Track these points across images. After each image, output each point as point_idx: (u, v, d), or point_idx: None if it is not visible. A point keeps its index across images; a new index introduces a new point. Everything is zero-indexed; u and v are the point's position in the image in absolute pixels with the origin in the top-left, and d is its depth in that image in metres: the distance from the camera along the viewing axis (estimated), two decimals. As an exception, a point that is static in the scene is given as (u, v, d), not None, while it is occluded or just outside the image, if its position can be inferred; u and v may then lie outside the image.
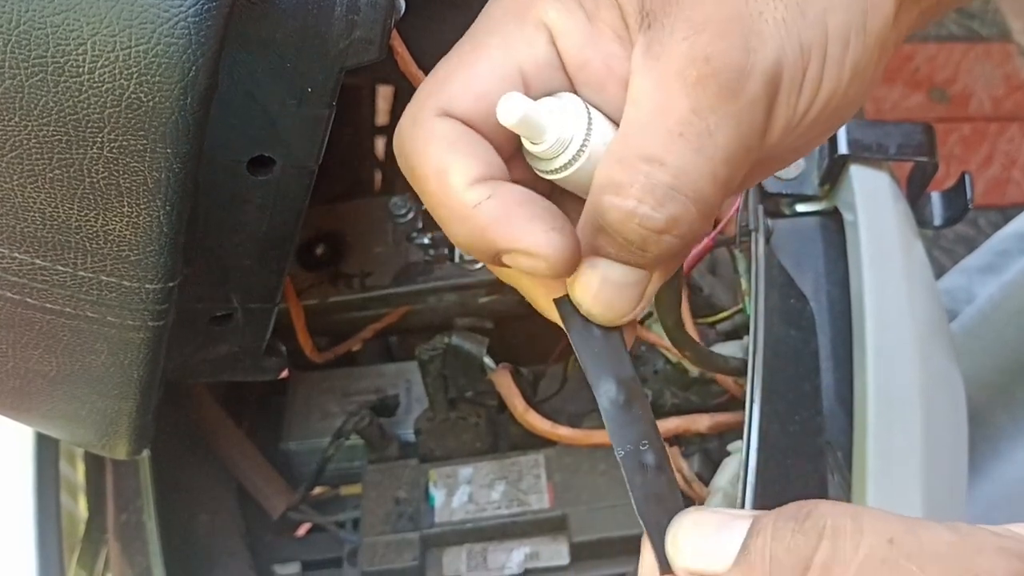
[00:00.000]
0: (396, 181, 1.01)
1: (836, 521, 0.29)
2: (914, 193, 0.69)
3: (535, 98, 0.34)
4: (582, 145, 0.34)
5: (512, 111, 0.33)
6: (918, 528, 0.28)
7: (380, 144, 1.05)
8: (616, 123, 0.35)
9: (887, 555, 0.28)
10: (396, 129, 0.35)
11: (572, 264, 0.34)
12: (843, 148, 0.65)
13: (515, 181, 0.35)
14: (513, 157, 0.36)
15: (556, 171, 0.35)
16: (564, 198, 0.36)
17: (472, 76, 0.34)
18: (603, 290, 0.34)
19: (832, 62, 0.34)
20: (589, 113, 0.35)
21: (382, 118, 1.05)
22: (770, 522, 0.30)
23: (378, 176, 1.04)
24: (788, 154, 0.38)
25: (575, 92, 0.35)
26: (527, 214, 0.33)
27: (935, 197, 0.71)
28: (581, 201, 0.35)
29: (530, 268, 0.33)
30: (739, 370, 0.62)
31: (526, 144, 0.35)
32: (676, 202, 0.32)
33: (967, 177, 0.69)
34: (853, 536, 0.28)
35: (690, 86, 0.32)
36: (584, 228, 0.34)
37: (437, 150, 0.34)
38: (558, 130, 0.34)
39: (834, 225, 0.66)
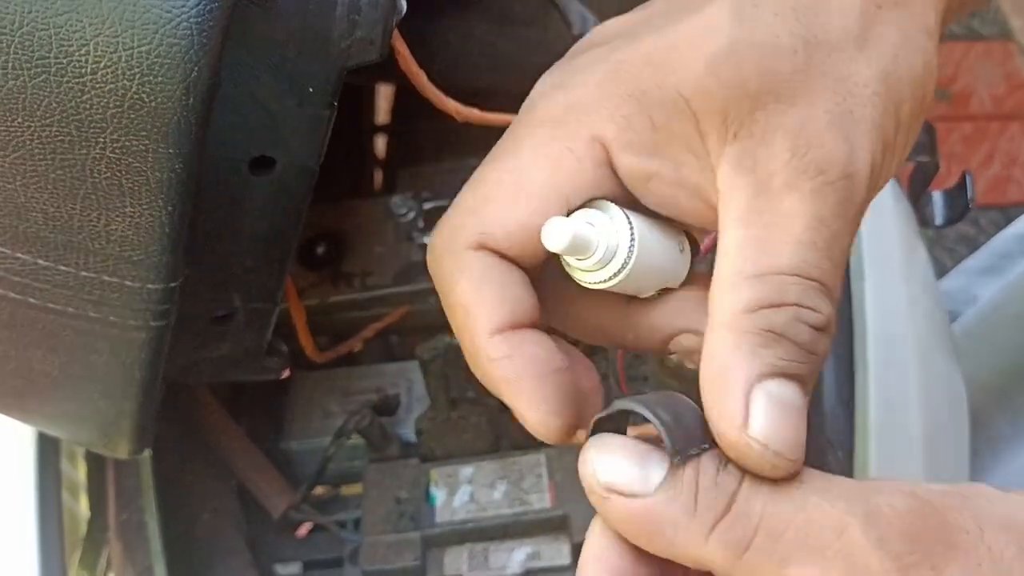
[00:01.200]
0: (397, 181, 1.01)
1: None
2: (915, 192, 0.69)
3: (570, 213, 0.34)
4: (628, 253, 0.34)
5: (560, 237, 0.33)
6: (821, 477, 0.31)
7: (380, 143, 1.05)
8: (662, 219, 0.35)
9: (798, 492, 0.30)
10: (431, 244, 0.35)
11: (557, 440, 0.34)
12: (844, 148, 0.65)
13: (544, 292, 0.36)
14: (545, 267, 0.36)
15: (605, 281, 0.34)
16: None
17: (514, 205, 0.34)
18: (784, 418, 0.31)
19: (899, 150, 0.34)
20: (629, 219, 0.34)
21: (382, 117, 1.05)
22: (696, 458, 0.31)
23: (378, 176, 1.04)
24: None
25: (633, 204, 0.35)
26: (535, 393, 0.34)
27: (936, 196, 0.71)
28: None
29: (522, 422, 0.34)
30: None
31: (570, 260, 0.35)
32: (827, 301, 0.32)
33: (968, 176, 0.69)
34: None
35: (807, 196, 0.31)
36: (739, 349, 0.31)
37: (467, 287, 0.34)
38: (605, 243, 0.34)
39: (835, 225, 0.66)
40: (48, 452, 0.67)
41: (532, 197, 0.34)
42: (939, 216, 0.70)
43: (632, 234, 0.34)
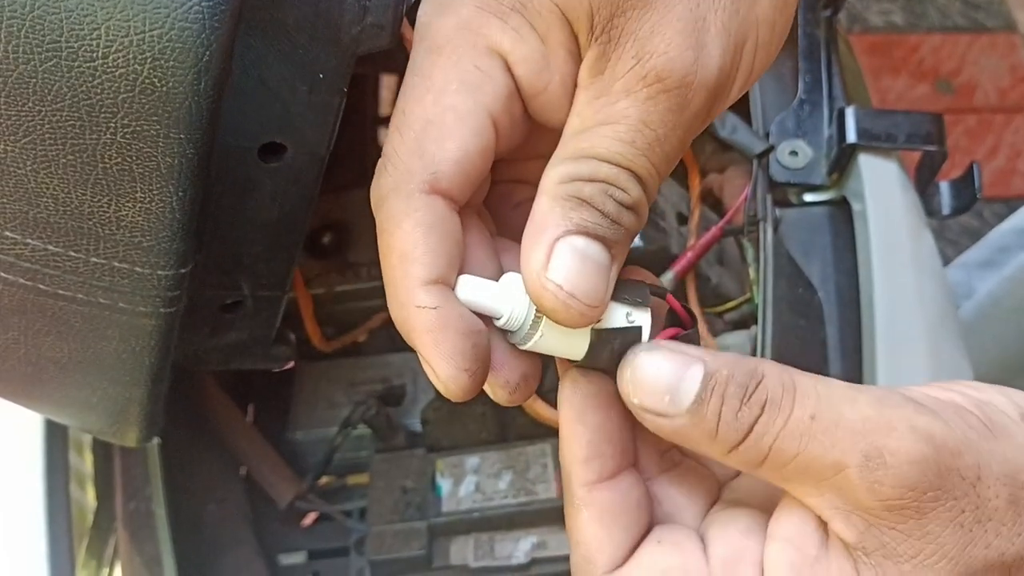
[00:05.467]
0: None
1: (774, 394, 0.33)
2: (923, 182, 0.69)
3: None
4: (535, 319, 0.35)
5: (464, 294, 0.35)
6: (843, 404, 0.33)
7: (385, 134, 1.05)
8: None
9: (806, 430, 0.32)
10: (375, 184, 0.36)
11: (462, 397, 0.35)
12: (852, 137, 0.65)
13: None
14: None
15: (521, 342, 0.36)
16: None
17: (451, 138, 0.35)
18: (583, 267, 0.34)
19: (762, 45, 0.36)
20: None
21: (386, 108, 1.05)
22: (723, 385, 0.33)
23: (383, 166, 1.04)
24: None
25: (529, 114, 0.36)
26: (453, 346, 0.34)
27: (944, 187, 0.71)
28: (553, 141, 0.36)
29: (429, 377, 0.35)
30: None
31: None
32: (636, 186, 0.35)
33: (975, 167, 0.69)
34: (783, 411, 0.33)
35: (639, 102, 0.34)
36: (552, 211, 0.34)
37: (412, 231, 0.34)
38: (509, 311, 0.35)
39: (842, 214, 0.66)
40: (56, 443, 0.67)
41: (462, 123, 0.35)
42: (946, 206, 0.70)
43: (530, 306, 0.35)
